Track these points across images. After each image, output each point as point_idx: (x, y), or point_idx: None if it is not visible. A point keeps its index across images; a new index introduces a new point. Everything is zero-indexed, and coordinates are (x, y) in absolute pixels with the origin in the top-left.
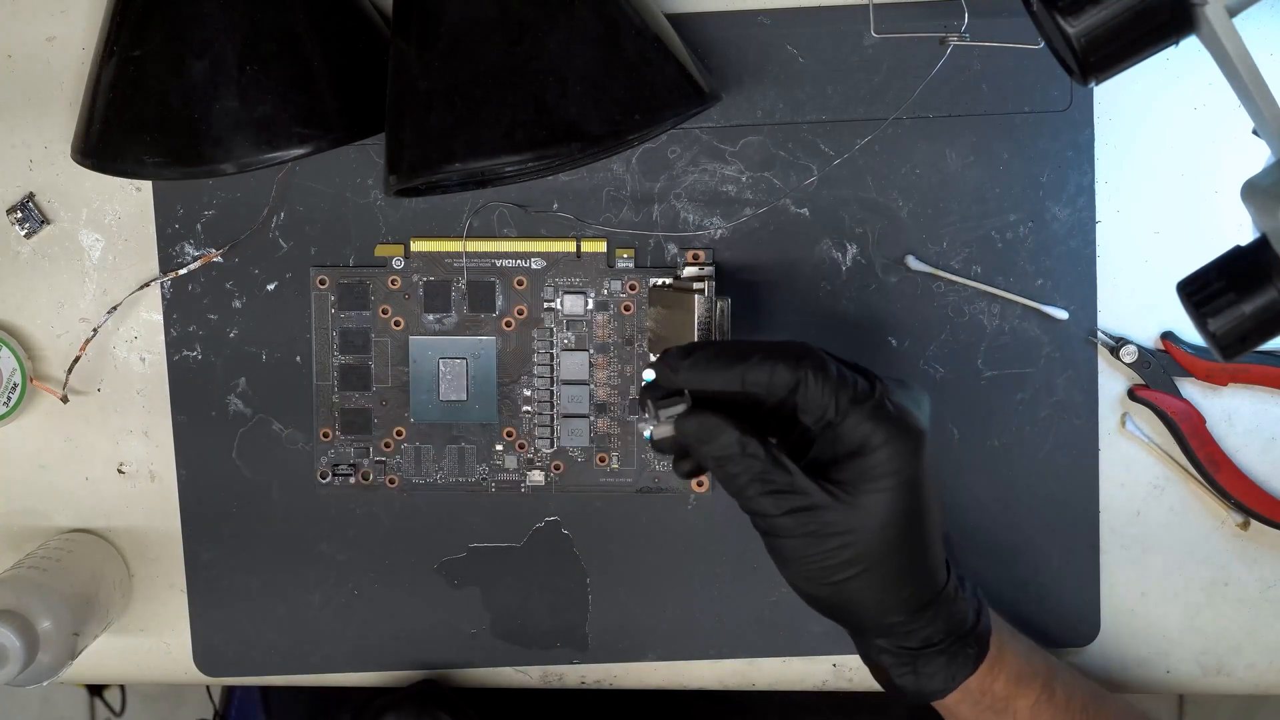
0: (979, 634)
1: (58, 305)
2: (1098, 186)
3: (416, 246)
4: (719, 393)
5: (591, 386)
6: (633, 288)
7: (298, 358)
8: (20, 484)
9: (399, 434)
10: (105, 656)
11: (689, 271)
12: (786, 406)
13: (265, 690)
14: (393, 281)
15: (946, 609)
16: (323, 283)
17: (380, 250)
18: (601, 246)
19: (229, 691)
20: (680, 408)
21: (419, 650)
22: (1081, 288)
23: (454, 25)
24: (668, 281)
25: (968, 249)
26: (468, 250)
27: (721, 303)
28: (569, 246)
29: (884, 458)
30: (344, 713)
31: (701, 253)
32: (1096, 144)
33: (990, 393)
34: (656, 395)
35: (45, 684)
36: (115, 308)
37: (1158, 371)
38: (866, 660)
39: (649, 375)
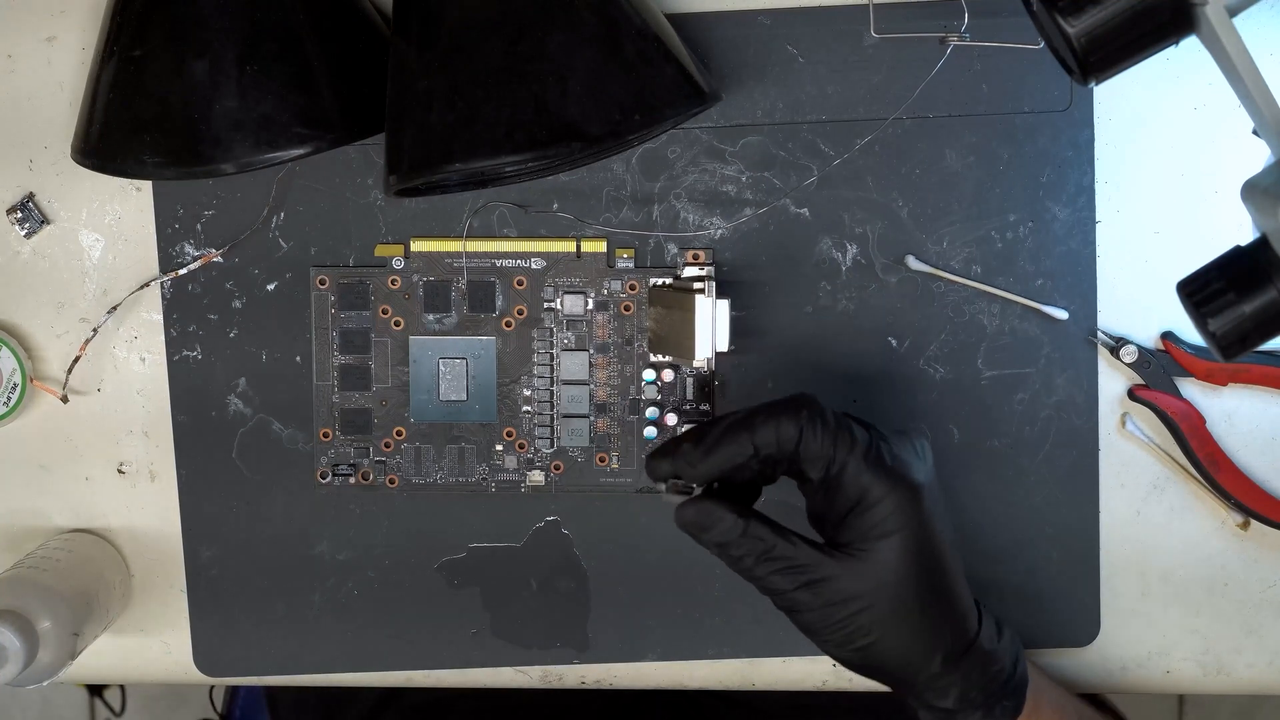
0: (1015, 686)
1: (58, 305)
2: (1098, 186)
3: (416, 246)
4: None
5: (591, 386)
6: (633, 288)
7: (298, 358)
8: (20, 484)
9: (399, 434)
10: (105, 656)
11: (689, 271)
12: (796, 464)
13: (271, 692)
14: (393, 281)
15: (982, 660)
16: (323, 283)
17: (380, 250)
18: (601, 246)
19: (233, 692)
20: (678, 499)
21: (419, 650)
22: (1081, 288)
23: (454, 25)
24: (668, 281)
25: (968, 249)
26: (468, 250)
27: (721, 302)
28: (569, 246)
29: (884, 512)
30: (351, 714)
31: (702, 253)
32: (1096, 144)
33: (990, 393)
34: (669, 485)
35: (45, 684)
36: (115, 308)
37: (1158, 371)
38: (916, 715)
39: (649, 375)
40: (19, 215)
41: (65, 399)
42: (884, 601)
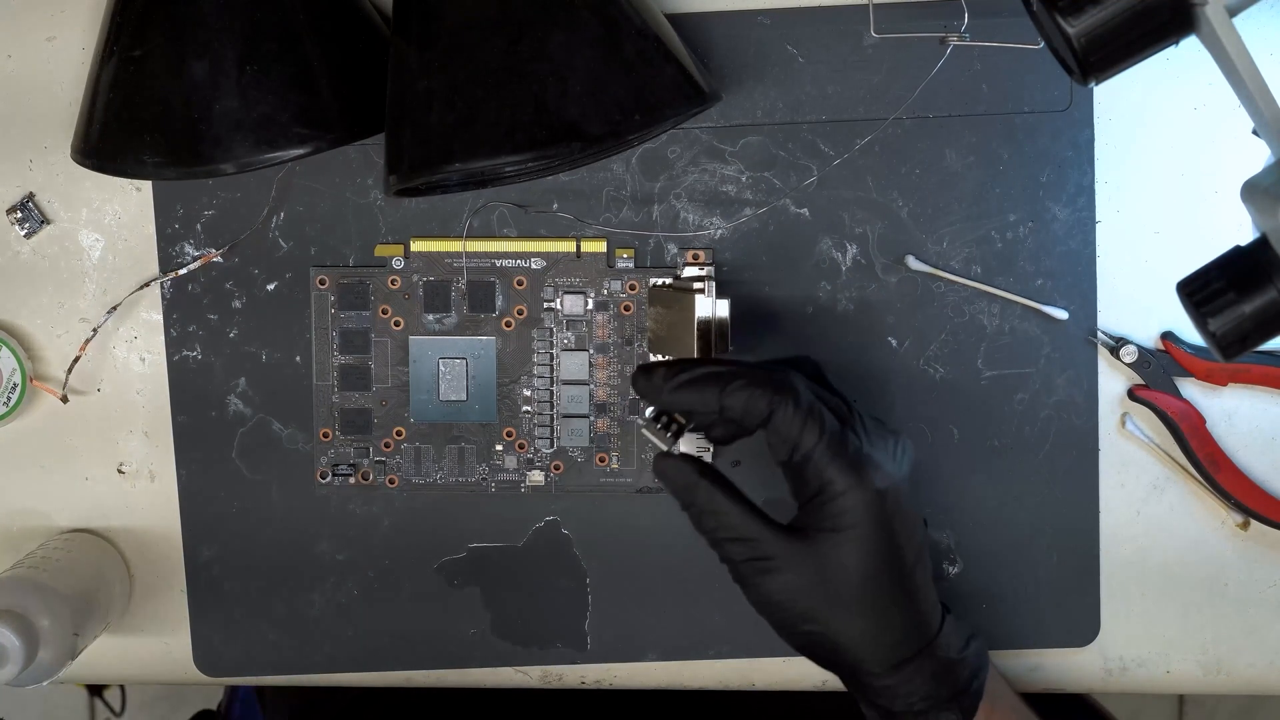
0: (968, 698)
1: (58, 305)
2: (1098, 186)
3: (416, 246)
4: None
5: (591, 386)
6: (633, 288)
7: (298, 358)
8: (20, 484)
9: (399, 434)
10: (105, 656)
11: (689, 271)
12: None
13: (260, 689)
14: (393, 281)
15: (931, 667)
16: (323, 283)
17: (380, 250)
18: (601, 246)
19: (232, 690)
20: (661, 447)
21: (419, 650)
22: (1081, 288)
23: (454, 25)
24: (668, 281)
25: (968, 249)
26: (468, 250)
27: (721, 302)
28: (569, 246)
29: (843, 507)
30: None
31: (702, 253)
32: (1096, 144)
33: (990, 393)
34: (654, 412)
35: (45, 684)
36: (115, 308)
37: (1158, 371)
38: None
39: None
40: (19, 215)
41: (65, 399)
42: (829, 593)
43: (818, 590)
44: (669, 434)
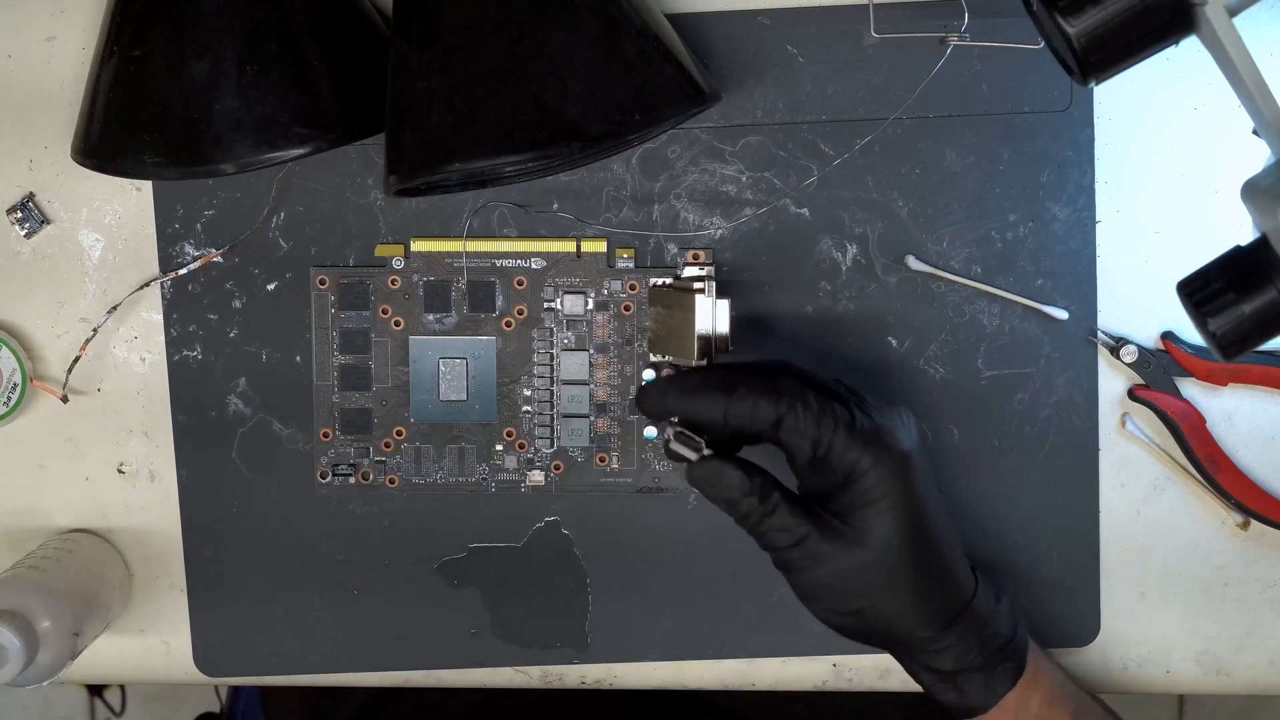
0: (1015, 649)
1: (58, 305)
2: (1098, 186)
3: (416, 246)
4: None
5: (591, 386)
6: (633, 288)
7: (298, 358)
8: (20, 484)
9: (399, 434)
10: (105, 656)
11: (689, 271)
12: (776, 442)
13: (264, 690)
14: (393, 281)
15: (977, 624)
16: (323, 283)
17: (380, 250)
18: (601, 246)
19: (234, 692)
20: (692, 457)
21: (419, 650)
22: (1081, 288)
23: (454, 25)
24: (668, 281)
25: (968, 249)
26: (468, 250)
27: (722, 302)
28: (569, 246)
29: (873, 481)
30: (343, 713)
31: (702, 253)
32: (1096, 144)
33: (990, 393)
34: (674, 433)
35: (45, 684)
36: (115, 308)
37: (1158, 371)
38: (915, 678)
39: (649, 375)
40: (19, 215)
41: (65, 399)
42: (875, 568)
43: (864, 568)
44: (692, 445)
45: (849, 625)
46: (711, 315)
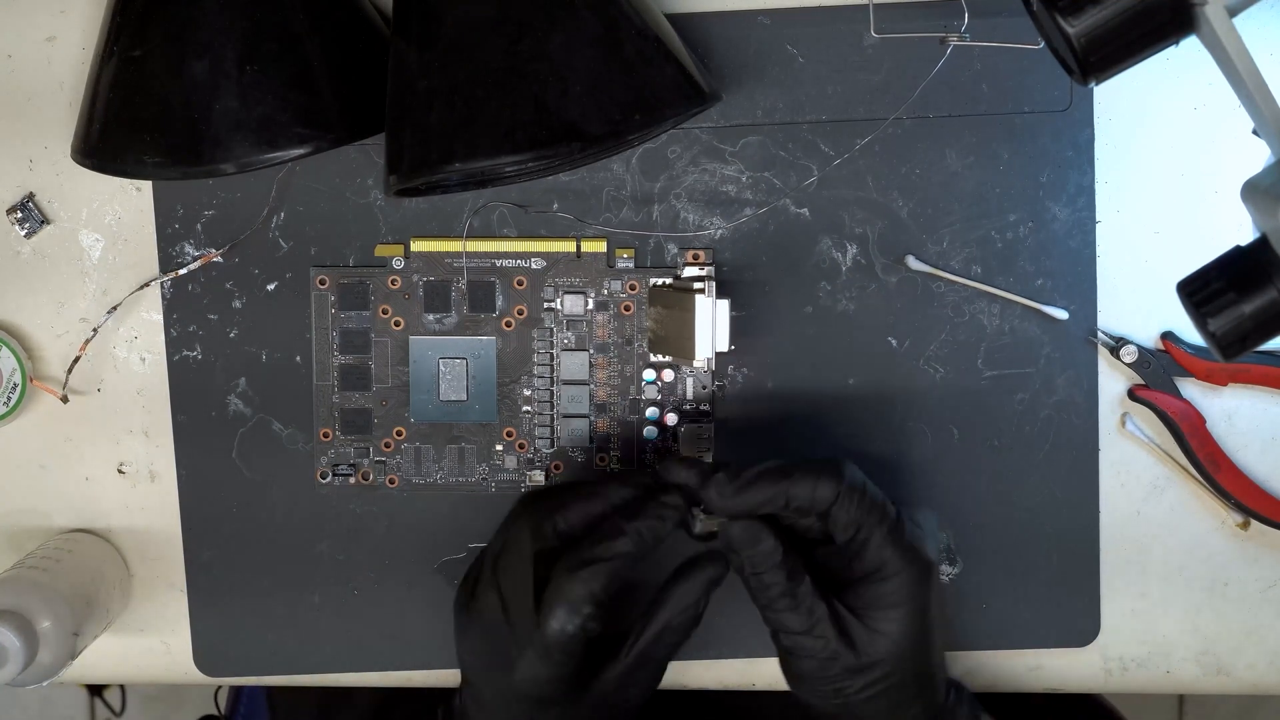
0: None
1: (58, 305)
2: (1098, 186)
3: (416, 246)
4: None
5: (591, 386)
6: (633, 288)
7: (298, 358)
8: (20, 484)
9: (399, 434)
10: (105, 656)
11: (689, 272)
12: (815, 528)
13: (270, 690)
14: (393, 281)
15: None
16: (323, 283)
17: (380, 250)
18: (601, 246)
19: (237, 691)
20: (723, 521)
21: (419, 650)
22: (1081, 288)
23: (454, 25)
24: (668, 281)
25: (968, 249)
26: (468, 250)
27: (722, 302)
28: (569, 246)
29: (897, 585)
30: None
31: (702, 253)
32: (1096, 144)
33: (990, 393)
34: (699, 505)
35: (45, 684)
36: (115, 308)
37: (1158, 371)
38: None
39: (649, 375)
40: (19, 215)
41: (65, 399)
42: (876, 668)
43: (865, 668)
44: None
45: (830, 711)
46: (711, 315)
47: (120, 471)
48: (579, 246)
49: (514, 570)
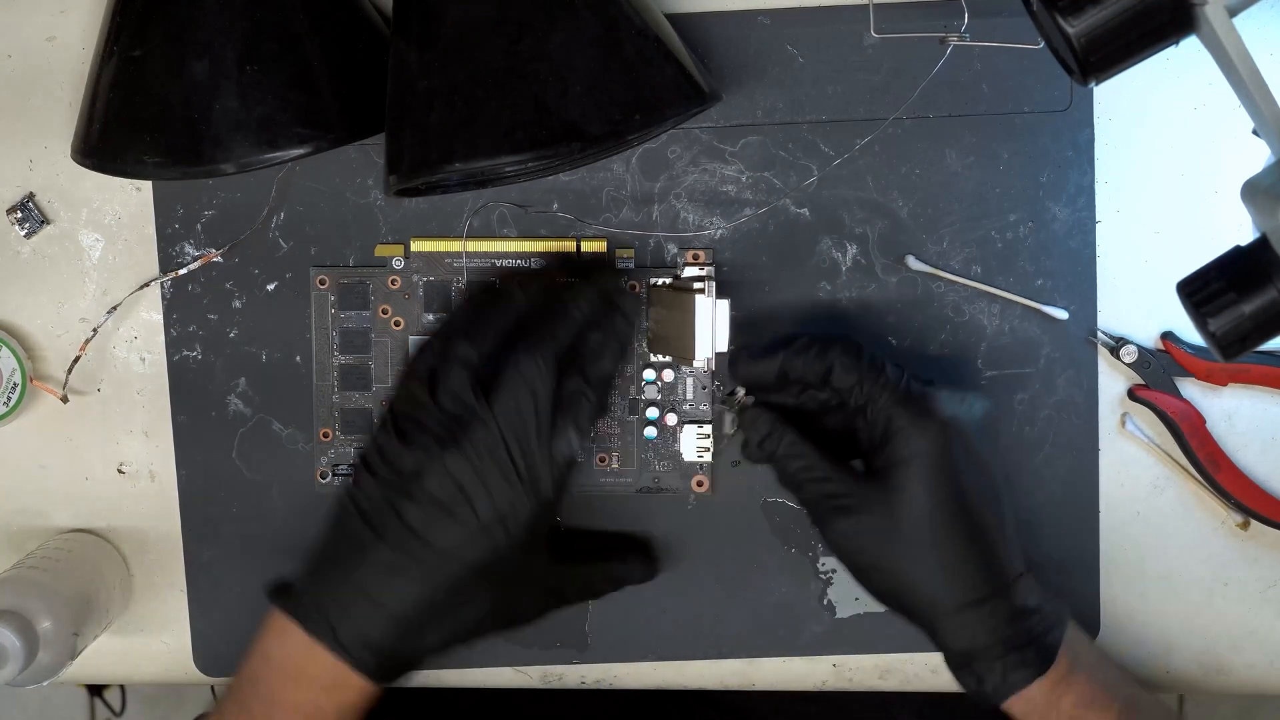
0: (1042, 645)
1: (58, 305)
2: (1098, 186)
3: (416, 246)
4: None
5: None
6: (633, 288)
7: (298, 358)
8: (20, 484)
9: None
10: (105, 656)
11: (689, 272)
12: (833, 400)
13: None
14: (393, 281)
15: (1005, 613)
16: (323, 283)
17: (380, 250)
18: (602, 246)
19: None
20: (740, 404)
21: None
22: (1081, 288)
23: (454, 25)
24: (668, 281)
25: (968, 249)
26: (468, 250)
27: (722, 302)
28: (569, 246)
29: (904, 440)
30: None
31: (702, 253)
32: (1096, 144)
33: (990, 393)
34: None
35: (45, 684)
36: (115, 308)
37: (1158, 371)
38: (945, 661)
39: (649, 375)
40: (19, 215)
41: (65, 399)
42: (899, 529)
43: (889, 528)
44: (738, 400)
45: (876, 587)
46: (711, 315)
47: (120, 471)
48: (579, 246)
49: (520, 401)
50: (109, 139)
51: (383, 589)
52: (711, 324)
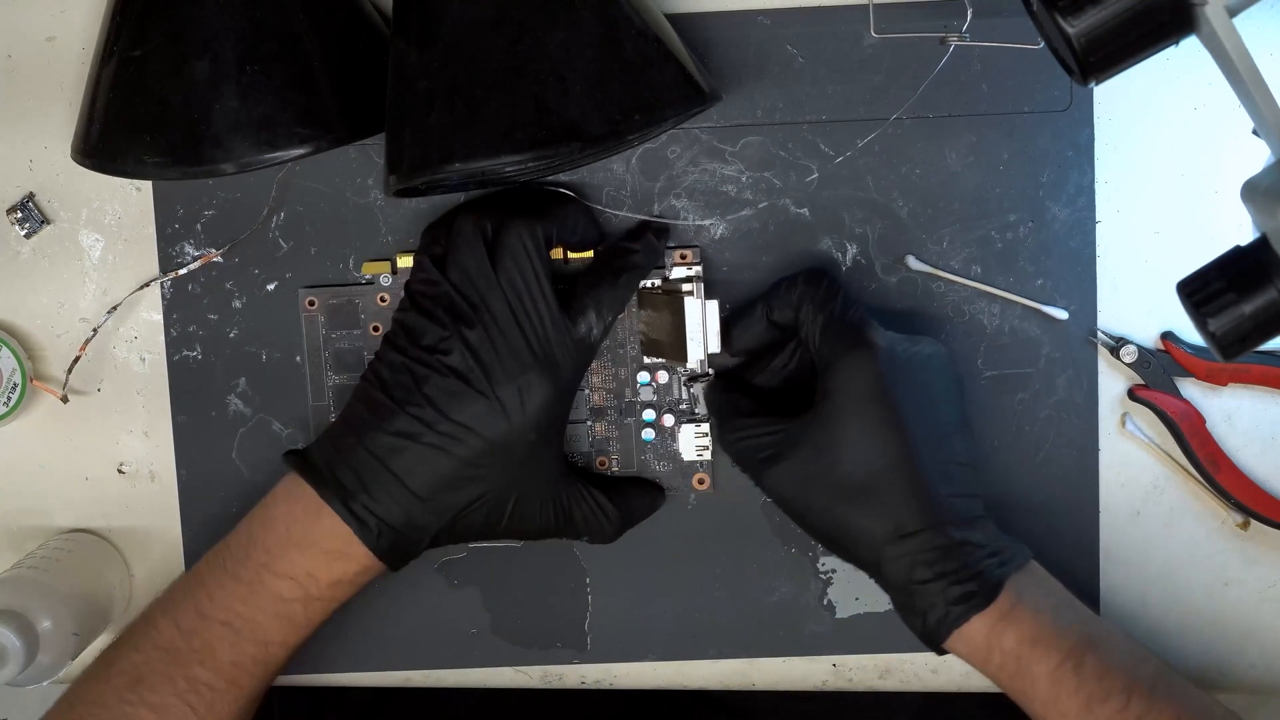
0: (985, 582)
1: (58, 305)
2: (1098, 186)
3: (403, 262)
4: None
5: (587, 391)
6: None
7: (297, 358)
8: (20, 484)
9: None
10: None
11: (677, 273)
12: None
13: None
14: (381, 299)
15: (940, 542)
16: (311, 304)
17: (367, 268)
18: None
19: None
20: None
21: (419, 650)
22: (1081, 288)
23: (454, 25)
24: (656, 284)
25: (968, 249)
26: None
27: (711, 303)
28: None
29: (834, 370)
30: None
31: (689, 252)
32: (1096, 144)
33: (990, 393)
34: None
35: (45, 684)
36: (115, 308)
37: (1158, 371)
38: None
39: (644, 378)
40: (19, 215)
41: (65, 399)
42: (829, 463)
43: (818, 466)
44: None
45: (817, 529)
46: (701, 316)
47: (120, 471)
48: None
49: (528, 278)
50: (109, 139)
51: (397, 458)
52: (702, 325)
